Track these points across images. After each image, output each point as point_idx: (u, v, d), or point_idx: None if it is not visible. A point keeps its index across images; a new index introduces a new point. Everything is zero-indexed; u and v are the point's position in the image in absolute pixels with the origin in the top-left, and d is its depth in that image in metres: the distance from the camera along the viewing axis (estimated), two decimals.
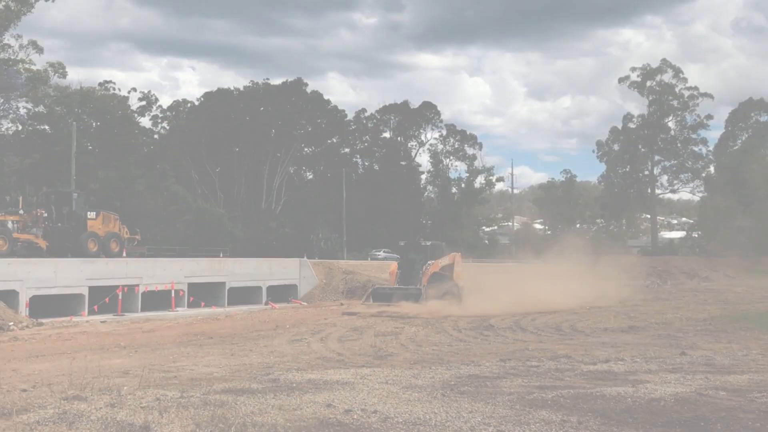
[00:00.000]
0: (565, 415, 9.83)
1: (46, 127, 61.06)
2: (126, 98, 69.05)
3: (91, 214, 36.75)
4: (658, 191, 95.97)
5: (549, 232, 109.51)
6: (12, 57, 55.20)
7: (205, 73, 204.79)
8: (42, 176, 56.38)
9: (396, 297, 32.35)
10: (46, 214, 35.19)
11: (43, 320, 29.50)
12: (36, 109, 60.84)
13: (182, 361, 17.87)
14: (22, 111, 59.19)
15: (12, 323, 27.08)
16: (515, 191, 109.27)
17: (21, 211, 35.25)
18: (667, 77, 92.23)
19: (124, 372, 15.63)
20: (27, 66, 56.37)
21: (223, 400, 10.88)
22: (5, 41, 54.11)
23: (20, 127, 60.98)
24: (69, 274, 33.77)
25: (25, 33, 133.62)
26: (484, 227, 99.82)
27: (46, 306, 32.61)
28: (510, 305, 31.95)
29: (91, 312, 33.62)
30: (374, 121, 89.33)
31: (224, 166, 73.81)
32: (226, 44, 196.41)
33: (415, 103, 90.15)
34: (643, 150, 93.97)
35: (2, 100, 54.95)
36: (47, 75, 58.40)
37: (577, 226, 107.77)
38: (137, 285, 36.21)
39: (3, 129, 60.11)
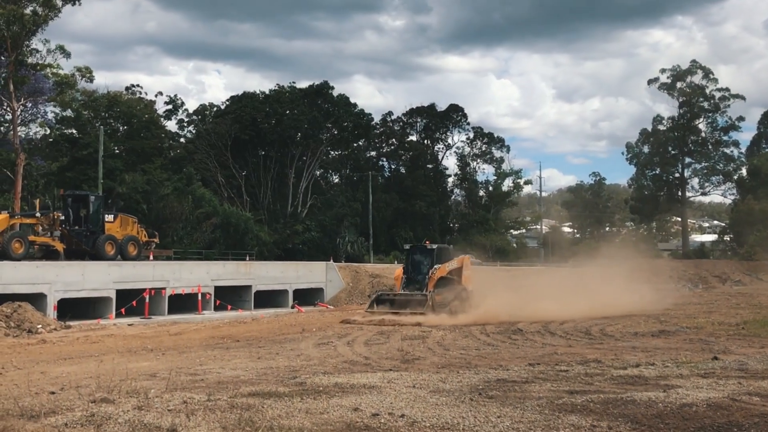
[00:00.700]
0: (595, 420, 9.73)
1: (74, 131, 61.47)
2: (152, 102, 69.57)
3: (109, 217, 36.44)
4: (688, 194, 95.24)
5: (578, 236, 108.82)
6: (40, 62, 55.58)
7: (231, 77, 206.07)
8: (70, 180, 56.85)
9: (400, 304, 30.68)
10: (63, 217, 34.89)
11: (71, 323, 29.64)
12: (64, 114, 61.43)
13: (209, 364, 17.89)
14: (50, 115, 59.97)
15: (40, 326, 27.20)
16: (543, 194, 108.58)
17: (38, 214, 35.15)
18: (698, 78, 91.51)
19: (152, 375, 15.70)
20: (55, 71, 56.81)
21: (250, 404, 10.85)
22: (33, 46, 54.58)
23: (48, 131, 61.63)
24: (96, 277, 33.98)
25: (53, 38, 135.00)
26: (512, 231, 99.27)
27: (73, 309, 32.79)
28: (545, 311, 30.85)
29: (118, 315, 33.80)
30: (400, 124, 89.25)
31: (250, 170, 73.96)
32: (252, 48, 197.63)
33: (441, 106, 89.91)
34: (673, 152, 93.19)
35: (31, 105, 55.51)
36: (75, 79, 58.74)
37: (607, 229, 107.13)
38: (164, 288, 36.36)
39: (31, 133, 60.85)
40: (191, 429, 9.09)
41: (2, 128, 58.47)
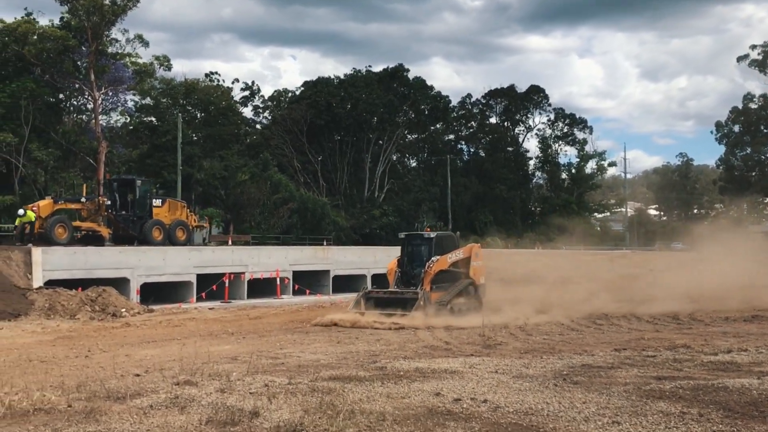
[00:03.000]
0: (684, 406, 9.51)
1: (153, 119, 62.24)
2: (229, 89, 69.89)
3: (157, 202, 36.09)
4: None
5: (664, 218, 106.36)
6: (119, 51, 56.48)
7: (306, 62, 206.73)
8: (149, 167, 57.60)
9: (390, 303, 25.29)
10: (108, 202, 34.65)
11: (154, 307, 30.17)
12: (143, 102, 62.18)
13: (289, 348, 17.97)
14: (130, 104, 60.87)
15: (124, 310, 27.65)
16: (628, 176, 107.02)
17: (83, 199, 35.00)
18: None
19: (233, 358, 15.83)
20: (134, 60, 57.63)
21: (331, 387, 10.91)
22: (113, 36, 55.42)
23: (128, 120, 62.55)
24: (177, 262, 34.29)
25: (132, 27, 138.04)
26: (595, 214, 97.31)
27: (155, 293, 33.08)
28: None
29: (198, 299, 34.07)
30: (479, 106, 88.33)
31: (326, 155, 73.94)
32: (327, 32, 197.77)
33: (522, 87, 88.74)
34: (765, 131, 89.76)
35: (111, 94, 56.34)
36: (153, 68, 59.51)
37: (695, 211, 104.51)
38: (243, 273, 36.54)
39: (112, 121, 61.84)
40: (273, 412, 9.20)
41: (84, 117, 59.52)
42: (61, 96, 57.62)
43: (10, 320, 23.96)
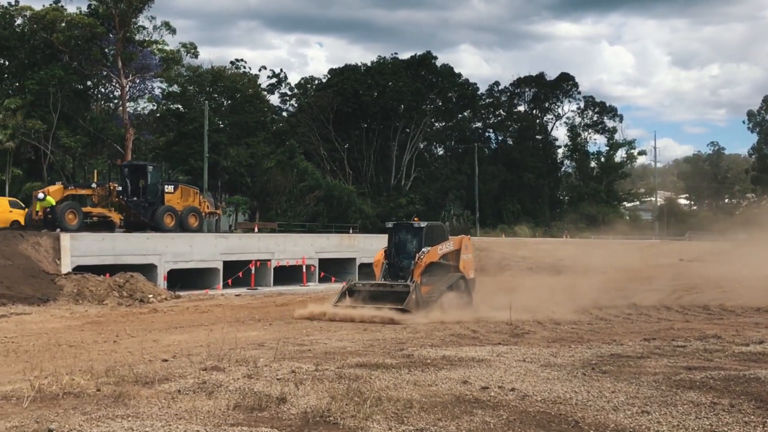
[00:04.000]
0: (715, 397, 9.47)
1: (180, 107, 62.40)
2: (256, 76, 69.93)
3: (169, 188, 35.69)
4: None
5: (695, 208, 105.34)
6: (147, 38, 56.71)
7: (333, 49, 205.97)
8: (176, 154, 57.86)
9: (377, 296, 23.48)
10: (120, 188, 34.33)
11: (181, 293, 30.38)
12: (170, 89, 62.33)
13: (315, 335, 18.04)
14: (157, 91, 61.11)
15: (151, 295, 27.86)
16: (658, 165, 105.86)
17: (93, 185, 34.81)
18: None
19: (260, 344, 15.88)
20: (161, 47, 57.84)
21: (358, 374, 10.96)
22: (140, 23, 55.70)
23: (155, 107, 62.80)
24: (204, 249, 34.42)
25: (159, 14, 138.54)
26: (625, 203, 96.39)
27: (182, 279, 33.23)
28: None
29: (225, 286, 34.18)
30: (508, 94, 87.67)
31: (352, 143, 73.78)
32: (354, 19, 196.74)
33: (551, 75, 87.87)
34: None
35: (138, 81, 56.64)
36: (180, 55, 59.69)
37: (726, 200, 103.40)
38: (269, 260, 36.64)
39: (140, 108, 62.16)
40: (300, 398, 9.25)
41: (112, 104, 59.87)
42: (89, 83, 58.08)
43: (40, 305, 24.19)
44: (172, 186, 36.27)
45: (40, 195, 31.32)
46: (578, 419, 8.56)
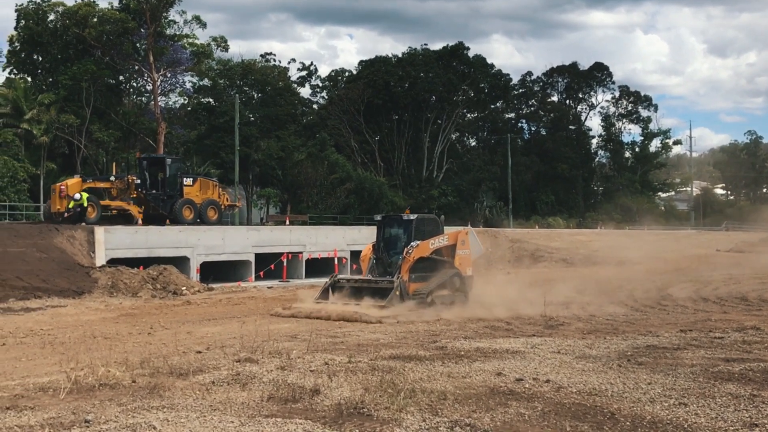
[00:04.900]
0: (754, 389, 9.35)
1: (211, 100, 62.67)
2: (286, 69, 70.02)
3: (188, 181, 35.53)
4: None
5: (731, 198, 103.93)
6: (177, 32, 57.01)
7: (363, 41, 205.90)
8: (207, 147, 58.13)
9: (361, 292, 21.87)
10: (139, 181, 34.32)
11: (213, 285, 30.51)
12: (201, 83, 62.66)
13: (348, 327, 18.03)
14: (188, 85, 61.39)
15: (185, 288, 28.04)
16: (694, 154, 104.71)
17: (112, 178, 34.86)
18: None
19: (292, 336, 15.92)
20: (191, 41, 58.18)
21: (391, 366, 10.95)
22: (171, 17, 56.02)
23: (186, 101, 63.14)
24: (236, 242, 34.57)
25: (189, 9, 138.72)
26: (660, 193, 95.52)
27: (215, 272, 33.40)
28: None
29: (257, 278, 34.31)
30: (540, 84, 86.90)
31: (383, 135, 73.60)
32: (384, 10, 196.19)
33: (584, 65, 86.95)
34: None
35: (170, 75, 56.94)
36: (210, 49, 59.99)
37: (764, 190, 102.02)
38: (301, 252, 36.74)
39: (171, 102, 62.52)
40: (334, 390, 9.27)
41: (144, 98, 60.26)
42: (120, 78, 58.49)
43: (75, 298, 24.40)
44: (191, 179, 36.17)
45: (77, 195, 31.46)
46: (614, 411, 8.51)
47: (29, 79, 55.22)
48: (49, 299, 23.76)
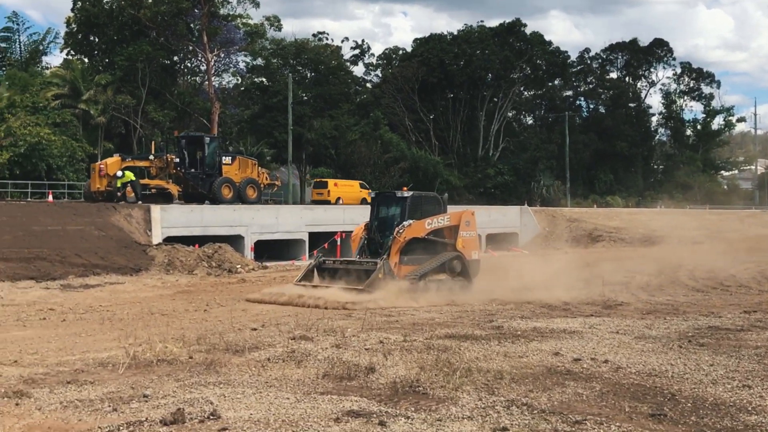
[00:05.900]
0: None
1: (264, 80, 62.99)
2: (339, 48, 69.95)
3: (227, 159, 35.21)
4: None
5: None
6: (231, 12, 57.42)
7: (418, 18, 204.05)
8: (260, 127, 58.50)
9: (346, 275, 20.34)
10: (177, 160, 34.08)
11: (267, 263, 30.63)
12: (254, 63, 63.02)
13: (403, 306, 17.83)
14: (242, 65, 61.88)
15: (239, 266, 28.20)
16: (759, 132, 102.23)
17: (151, 157, 34.82)
18: None
19: (347, 315, 15.99)
20: (245, 21, 58.51)
21: (447, 345, 10.93)
22: None
23: (240, 80, 63.58)
24: (289, 220, 34.77)
25: None
26: (722, 172, 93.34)
27: (269, 250, 33.62)
28: None
29: (310, 256, 34.18)
30: (599, 61, 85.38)
31: (438, 114, 73.12)
32: None
33: (644, 41, 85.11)
34: None
35: (223, 55, 57.39)
36: (263, 29, 60.28)
37: None
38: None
39: (224, 82, 63.02)
40: (389, 368, 9.27)
41: (198, 78, 60.85)
42: (175, 58, 59.14)
43: (132, 275, 24.79)
44: (230, 157, 35.93)
45: (119, 173, 31.77)
46: (675, 392, 8.38)
47: (86, 60, 56.12)
48: (108, 276, 24.14)
